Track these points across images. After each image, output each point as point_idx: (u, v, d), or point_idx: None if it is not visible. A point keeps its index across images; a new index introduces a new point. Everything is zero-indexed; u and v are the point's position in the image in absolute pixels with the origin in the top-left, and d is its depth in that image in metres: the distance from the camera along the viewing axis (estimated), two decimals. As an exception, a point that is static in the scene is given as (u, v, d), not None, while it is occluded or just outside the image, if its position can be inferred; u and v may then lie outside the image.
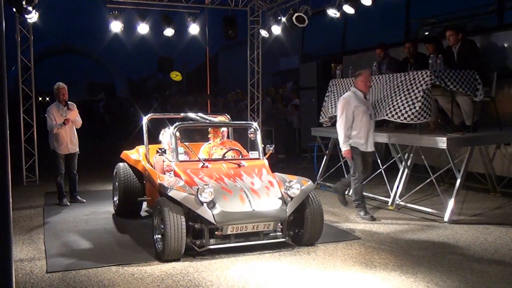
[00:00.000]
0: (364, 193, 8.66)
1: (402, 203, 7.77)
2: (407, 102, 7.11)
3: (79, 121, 8.23)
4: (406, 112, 7.13)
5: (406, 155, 7.88)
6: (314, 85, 13.95)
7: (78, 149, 8.27)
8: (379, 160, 8.69)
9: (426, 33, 12.01)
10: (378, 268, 5.11)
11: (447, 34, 7.73)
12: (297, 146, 14.79)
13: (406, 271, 5.02)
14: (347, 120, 6.99)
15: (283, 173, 6.34)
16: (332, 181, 9.73)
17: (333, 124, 9.46)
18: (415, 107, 6.94)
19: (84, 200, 8.34)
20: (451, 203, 6.92)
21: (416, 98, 6.95)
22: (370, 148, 7.15)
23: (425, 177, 8.68)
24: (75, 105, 8.28)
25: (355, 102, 7.00)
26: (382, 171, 8.52)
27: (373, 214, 7.47)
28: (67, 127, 8.04)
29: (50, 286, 4.67)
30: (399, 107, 7.28)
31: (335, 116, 9.14)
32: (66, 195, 8.26)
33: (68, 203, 8.13)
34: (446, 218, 6.89)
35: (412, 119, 7.06)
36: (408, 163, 7.81)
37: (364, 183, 7.53)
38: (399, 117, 7.22)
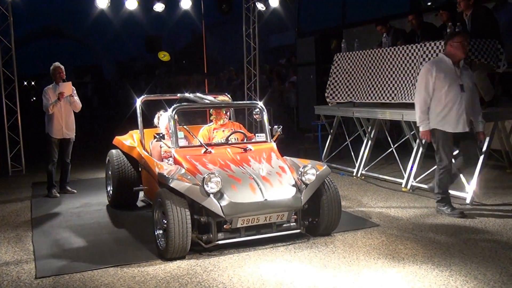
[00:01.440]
0: (373, 174, 8.23)
1: (416, 184, 7.26)
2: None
3: (78, 103, 7.55)
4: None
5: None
6: (312, 61, 13.35)
7: (74, 136, 7.63)
8: (389, 139, 8.17)
9: (429, 4, 11.45)
10: (407, 260, 4.60)
11: None
12: (295, 125, 14.25)
13: (438, 263, 4.50)
14: (426, 94, 5.74)
15: (286, 155, 5.78)
16: (337, 161, 9.22)
17: (339, 103, 8.93)
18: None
19: (75, 191, 7.74)
20: (473, 183, 6.41)
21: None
22: (462, 128, 5.74)
23: (434, 155, 8.20)
24: (74, 88, 7.60)
25: (437, 71, 5.68)
26: (393, 150, 7.99)
27: (386, 196, 6.99)
28: (63, 109, 7.40)
29: (40, 295, 4.11)
30: (414, 86, 6.75)
31: (343, 96, 8.62)
32: (56, 185, 7.65)
33: (58, 195, 7.52)
34: (468, 200, 6.39)
35: None
36: (423, 141, 7.27)
37: (460, 174, 6.22)
38: None
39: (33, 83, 32.08)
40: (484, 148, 6.49)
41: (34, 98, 24.68)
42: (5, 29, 9.47)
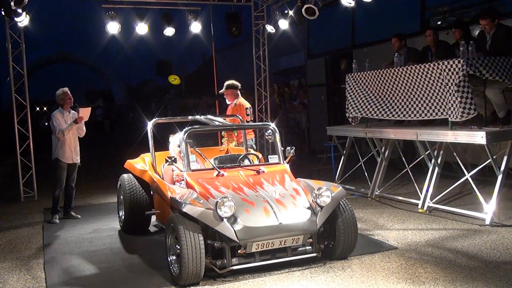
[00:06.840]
0: (388, 195, 8.09)
1: (433, 205, 7.10)
2: (436, 97, 6.52)
3: (83, 129, 7.67)
4: (436, 107, 6.54)
5: (436, 152, 7.21)
6: (322, 82, 13.31)
7: (79, 161, 7.67)
8: (403, 159, 8.05)
9: (439, 23, 11.41)
10: (428, 285, 4.45)
11: (482, 23, 7.02)
12: (307, 146, 14.15)
13: (460, 287, 4.35)
14: None
15: (299, 177, 5.69)
16: (351, 183, 9.09)
17: (362, 121, 8.84)
18: (449, 102, 6.31)
19: (79, 216, 7.69)
20: (492, 203, 6.26)
21: (449, 92, 6.32)
22: None
23: (450, 175, 8.05)
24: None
25: None
26: (408, 170, 7.86)
27: (403, 218, 6.84)
28: (72, 134, 7.47)
29: (51, 325, 4.01)
30: (428, 104, 6.70)
31: (362, 114, 8.47)
32: (61, 210, 7.62)
33: (57, 221, 7.46)
34: (487, 221, 6.23)
35: (447, 115, 6.44)
36: (439, 161, 7.15)
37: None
38: (431, 115, 6.64)
39: (45, 108, 32.44)
40: (503, 167, 6.35)
41: (47, 124, 24.94)
42: (17, 55, 9.55)
